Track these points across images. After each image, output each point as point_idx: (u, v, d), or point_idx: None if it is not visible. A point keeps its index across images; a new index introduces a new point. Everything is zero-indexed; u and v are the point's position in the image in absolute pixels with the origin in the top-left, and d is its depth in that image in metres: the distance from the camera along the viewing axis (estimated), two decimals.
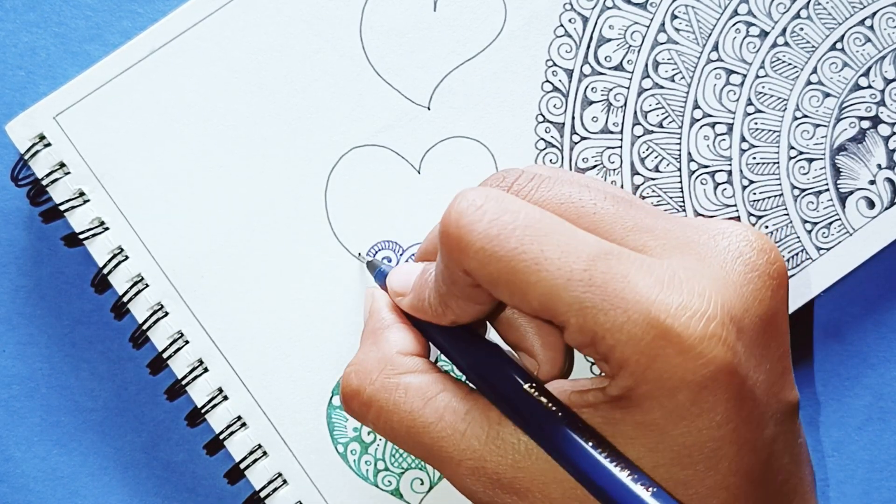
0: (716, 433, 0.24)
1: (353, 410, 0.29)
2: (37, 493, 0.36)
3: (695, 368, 0.24)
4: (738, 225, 0.27)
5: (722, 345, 0.24)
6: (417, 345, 0.30)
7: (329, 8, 0.35)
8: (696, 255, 0.26)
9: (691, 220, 0.28)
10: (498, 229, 0.25)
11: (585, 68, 0.35)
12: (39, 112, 0.34)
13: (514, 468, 0.26)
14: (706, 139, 0.35)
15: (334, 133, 0.35)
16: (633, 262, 0.25)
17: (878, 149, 0.36)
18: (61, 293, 0.36)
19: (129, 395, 0.36)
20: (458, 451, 0.27)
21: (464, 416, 0.27)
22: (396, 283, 0.31)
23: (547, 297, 0.24)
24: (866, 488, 0.38)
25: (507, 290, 0.25)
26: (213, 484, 0.36)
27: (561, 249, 0.24)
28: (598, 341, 0.24)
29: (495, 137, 0.35)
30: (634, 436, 0.25)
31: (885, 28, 0.36)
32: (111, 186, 0.35)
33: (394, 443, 0.28)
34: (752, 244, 0.26)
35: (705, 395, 0.24)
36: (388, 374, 0.28)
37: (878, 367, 0.38)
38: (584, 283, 0.24)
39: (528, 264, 0.24)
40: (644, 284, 0.24)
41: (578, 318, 0.24)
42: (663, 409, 0.24)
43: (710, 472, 0.25)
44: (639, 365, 0.24)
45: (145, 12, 0.37)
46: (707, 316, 0.24)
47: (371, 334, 0.30)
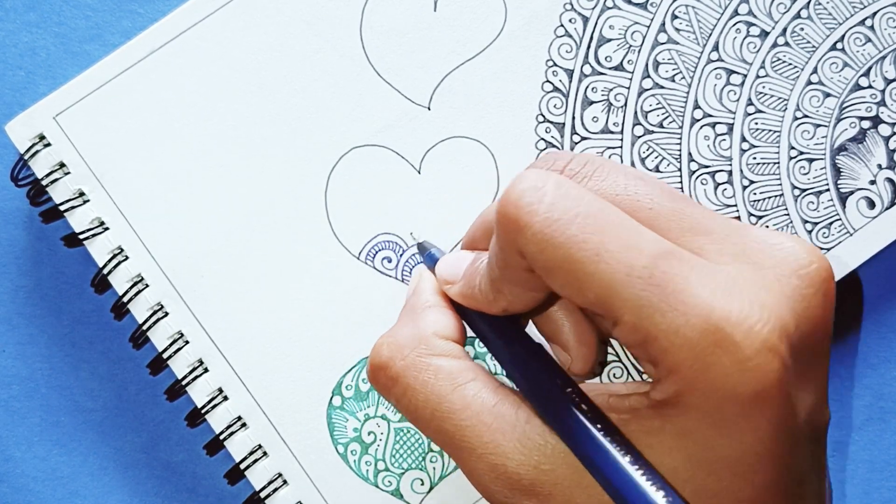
0: (758, 448, 0.24)
1: (378, 382, 0.28)
2: (37, 493, 0.36)
3: (747, 381, 0.23)
4: (796, 238, 0.26)
5: (777, 359, 0.23)
6: (456, 331, 0.29)
7: (329, 8, 0.35)
8: (753, 264, 0.25)
9: (748, 228, 0.27)
10: (559, 214, 0.24)
11: (586, 68, 0.35)
12: (39, 112, 0.34)
13: (538, 470, 0.25)
14: (706, 139, 0.35)
15: (334, 133, 0.35)
16: (695, 266, 0.24)
17: (879, 149, 0.36)
18: (61, 293, 0.36)
19: (129, 395, 0.36)
20: (480, 443, 0.26)
21: (492, 408, 0.26)
22: (446, 271, 0.30)
23: (604, 290, 0.24)
24: (866, 488, 0.38)
25: (563, 279, 0.24)
26: (213, 484, 0.36)
27: (623, 243, 0.24)
28: (651, 342, 0.24)
29: (495, 137, 0.35)
30: (674, 445, 0.24)
31: (885, 28, 0.36)
32: (111, 186, 0.35)
33: (414, 424, 0.28)
34: (811, 260, 0.26)
35: (754, 410, 0.23)
36: (421, 352, 0.28)
37: (878, 367, 0.38)
38: (644, 280, 0.23)
39: (587, 254, 0.24)
40: (705, 289, 0.23)
41: (634, 315, 0.23)
42: (710, 419, 0.23)
43: (745, 486, 0.24)
44: (691, 371, 0.23)
45: (145, 12, 0.37)
46: (768, 328, 0.23)
47: (410, 311, 0.30)
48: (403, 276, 0.35)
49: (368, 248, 0.35)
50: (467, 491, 0.35)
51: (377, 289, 0.35)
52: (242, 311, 0.35)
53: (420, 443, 0.35)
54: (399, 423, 0.35)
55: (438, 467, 0.35)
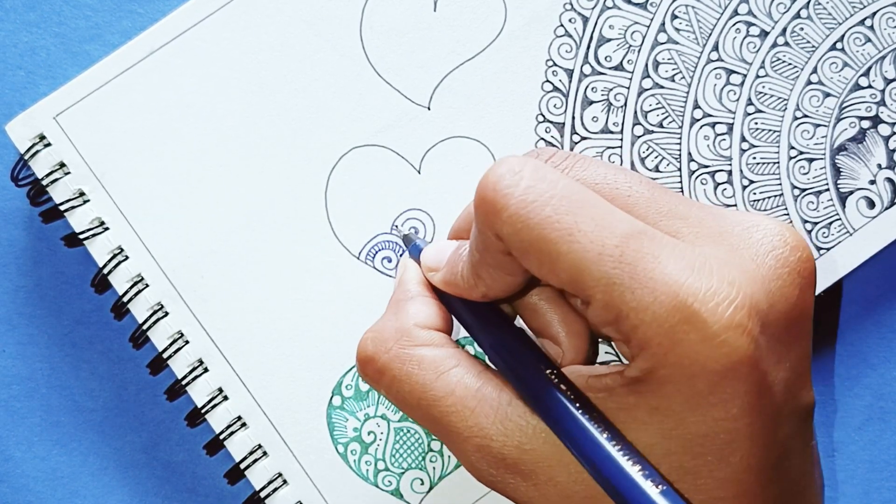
0: (731, 425, 0.24)
1: (366, 375, 0.29)
2: (37, 493, 0.36)
3: (716, 357, 0.23)
4: (773, 220, 0.27)
5: (746, 335, 0.24)
6: (438, 319, 0.30)
7: (329, 8, 0.35)
8: (728, 245, 0.26)
9: (725, 211, 0.28)
10: (534, 196, 0.25)
11: (586, 68, 0.35)
12: (39, 112, 0.34)
13: (520, 449, 0.26)
14: (706, 139, 0.35)
15: (334, 133, 0.35)
16: (666, 245, 0.25)
17: (879, 149, 0.36)
18: (61, 293, 0.36)
19: (129, 395, 0.36)
20: (465, 427, 0.27)
21: (475, 392, 0.27)
22: (430, 259, 0.31)
23: (576, 269, 0.24)
24: (866, 488, 0.38)
25: (537, 259, 0.25)
26: (213, 484, 0.36)
27: (595, 223, 0.24)
28: (621, 319, 0.24)
29: (495, 137, 0.35)
30: (648, 421, 0.25)
31: (885, 28, 0.36)
32: (111, 186, 0.35)
33: (404, 411, 0.29)
34: (786, 240, 0.26)
35: (724, 385, 0.24)
36: (404, 344, 0.29)
37: (878, 367, 0.38)
38: (615, 259, 0.24)
39: (560, 234, 0.24)
40: (674, 267, 0.24)
41: (605, 294, 0.24)
42: (680, 394, 0.24)
43: (721, 464, 0.24)
44: (660, 347, 0.24)
45: (145, 12, 0.37)
46: (735, 305, 0.24)
47: (394, 304, 0.31)
48: None
49: (368, 248, 0.35)
50: (467, 491, 0.35)
51: (377, 289, 0.35)
52: (242, 311, 0.35)
53: (420, 443, 0.35)
54: (399, 422, 0.35)
55: (438, 467, 0.35)
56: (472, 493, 0.35)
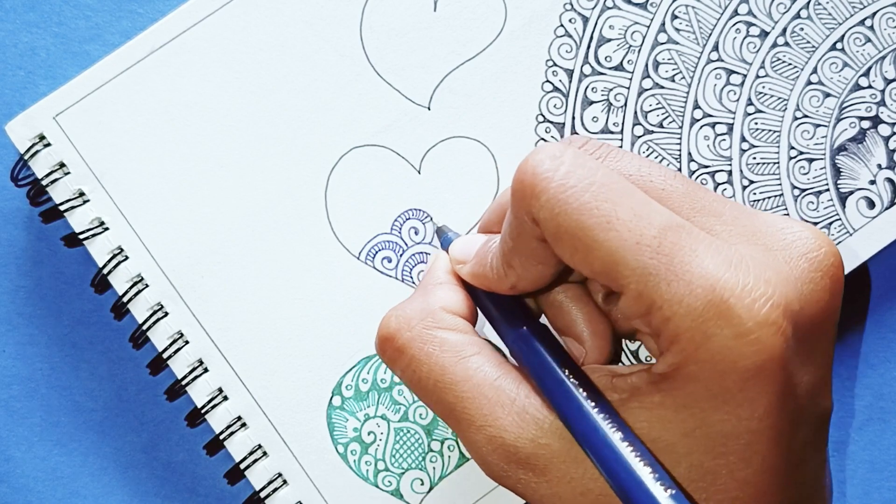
0: (755, 425, 0.24)
1: (385, 354, 0.29)
2: (37, 493, 0.36)
3: (748, 353, 0.23)
4: (806, 225, 0.27)
5: (780, 334, 0.23)
6: (464, 308, 0.30)
7: (329, 8, 0.35)
8: (762, 245, 0.26)
9: (758, 212, 0.27)
10: (574, 181, 0.25)
11: (586, 68, 0.35)
12: (39, 112, 0.34)
13: (535, 444, 0.26)
14: (706, 139, 0.35)
15: (334, 133, 0.35)
16: (703, 240, 0.25)
17: (879, 149, 0.36)
18: (61, 293, 0.36)
19: (129, 395, 0.36)
20: (480, 415, 0.27)
21: (492, 382, 0.27)
22: (458, 252, 0.31)
23: (612, 257, 0.24)
24: (866, 488, 0.38)
25: (572, 246, 0.25)
26: (213, 484, 0.36)
27: (634, 213, 0.24)
28: (654, 311, 0.24)
29: (495, 137, 0.35)
30: (672, 419, 0.24)
31: (885, 28, 0.36)
32: (111, 186, 0.35)
33: (417, 394, 0.28)
34: (820, 245, 0.26)
35: (753, 384, 0.24)
36: (428, 325, 0.28)
37: (878, 367, 0.38)
38: (653, 249, 0.24)
39: (599, 221, 0.24)
40: (711, 262, 0.24)
41: (640, 283, 0.24)
42: (708, 391, 0.24)
43: (741, 465, 0.24)
44: (692, 341, 0.24)
45: (145, 12, 0.37)
46: (771, 303, 0.24)
47: (422, 288, 0.30)
48: (403, 277, 0.35)
49: (368, 248, 0.35)
50: (467, 491, 0.35)
51: (377, 289, 0.35)
52: (242, 311, 0.35)
53: (420, 443, 0.35)
54: (399, 423, 0.35)
55: (438, 467, 0.35)
56: (473, 493, 0.35)
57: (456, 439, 0.35)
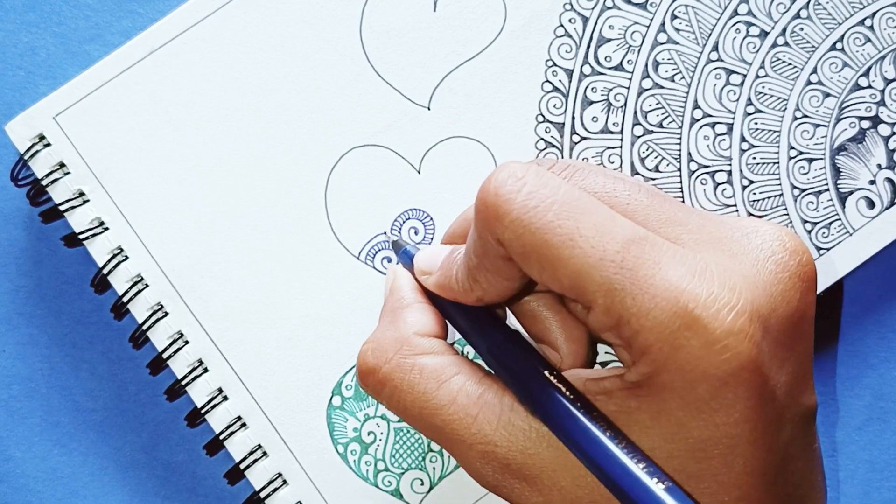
0: (733, 430, 0.24)
1: (367, 387, 0.29)
2: (37, 493, 0.36)
3: (718, 362, 0.23)
4: (772, 225, 0.27)
5: (748, 341, 0.24)
6: (436, 326, 0.30)
7: (329, 8, 0.35)
8: (728, 251, 0.26)
9: (724, 218, 0.28)
10: (537, 201, 0.25)
11: (585, 68, 0.35)
12: (39, 112, 0.34)
13: (524, 454, 0.26)
14: (706, 139, 0.35)
15: (334, 133, 0.35)
16: (667, 251, 0.25)
17: (878, 149, 0.36)
18: (61, 293, 0.36)
19: (129, 395, 0.36)
20: (468, 434, 0.27)
21: (476, 399, 0.27)
22: (423, 262, 0.31)
23: (577, 274, 0.24)
24: (866, 488, 0.38)
25: (538, 264, 0.25)
26: (213, 484, 0.36)
27: (597, 229, 0.24)
28: (622, 325, 0.24)
29: (495, 137, 0.35)
30: (650, 425, 0.25)
31: (885, 28, 0.36)
32: (111, 186, 0.35)
33: (406, 422, 0.28)
34: (785, 245, 0.26)
35: (726, 391, 0.24)
36: (405, 354, 0.28)
37: (878, 367, 0.38)
38: (616, 264, 0.24)
39: (562, 239, 0.24)
40: (675, 273, 0.24)
41: (607, 299, 0.24)
42: (682, 400, 0.24)
43: (723, 469, 0.24)
44: (661, 353, 0.24)
45: (145, 12, 0.37)
46: (736, 310, 0.24)
47: (390, 312, 0.30)
48: None
49: (368, 248, 0.35)
50: (467, 491, 0.35)
51: (377, 289, 0.35)
52: (242, 311, 0.35)
53: (420, 443, 0.35)
54: (399, 423, 0.35)
55: (438, 467, 0.35)
56: (473, 493, 0.35)
57: None
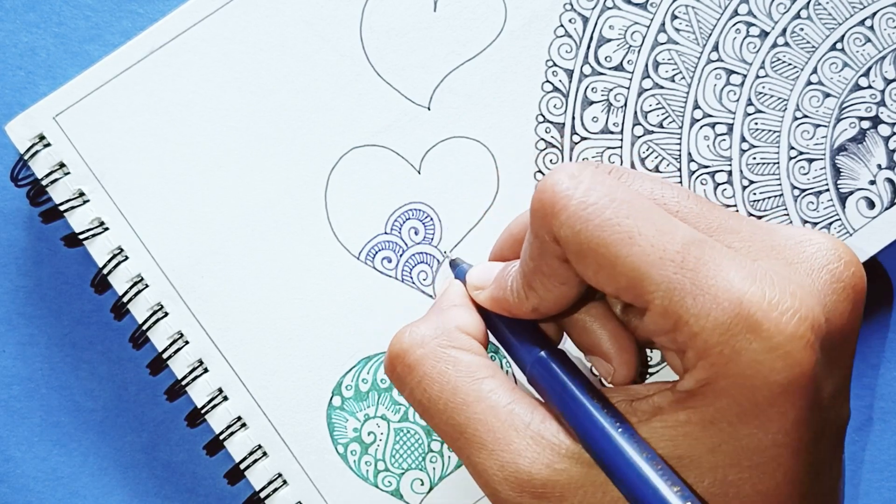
0: (781, 439, 0.24)
1: (394, 371, 0.28)
2: (37, 493, 0.36)
3: (780, 368, 0.23)
4: (825, 235, 0.27)
5: (809, 348, 0.23)
6: (479, 330, 0.29)
7: (329, 8, 0.35)
8: (783, 259, 0.26)
9: (776, 226, 0.27)
10: (595, 198, 0.24)
11: (585, 68, 0.35)
12: (39, 112, 0.34)
13: (551, 469, 0.25)
14: (706, 139, 0.35)
15: (334, 133, 0.35)
16: (727, 254, 0.24)
17: (879, 149, 0.36)
18: (61, 293, 0.36)
19: (129, 395, 0.36)
20: (492, 439, 0.26)
21: (506, 405, 0.26)
22: (476, 278, 0.30)
23: (636, 273, 0.24)
24: (866, 488, 0.38)
25: (595, 263, 0.24)
26: (213, 484, 0.36)
27: (656, 228, 0.24)
28: (680, 327, 0.24)
29: (495, 137, 0.35)
30: (698, 436, 0.24)
31: (885, 28, 0.36)
32: (111, 186, 0.35)
33: (425, 416, 0.27)
34: (840, 256, 0.26)
35: (783, 398, 0.23)
36: (442, 343, 0.28)
37: (878, 367, 0.38)
38: (677, 264, 0.24)
39: (621, 237, 0.24)
40: (737, 275, 0.24)
41: (665, 299, 0.24)
42: (738, 406, 0.23)
43: (764, 478, 0.24)
44: (721, 356, 0.23)
45: (145, 12, 0.37)
46: (798, 316, 0.23)
47: (436, 308, 0.30)
48: (403, 277, 0.35)
49: (368, 248, 0.35)
50: (467, 491, 0.35)
51: (377, 289, 0.35)
52: (242, 312, 0.35)
53: (420, 443, 0.35)
54: (399, 423, 0.35)
55: (438, 467, 0.35)
56: (473, 493, 0.35)
57: None
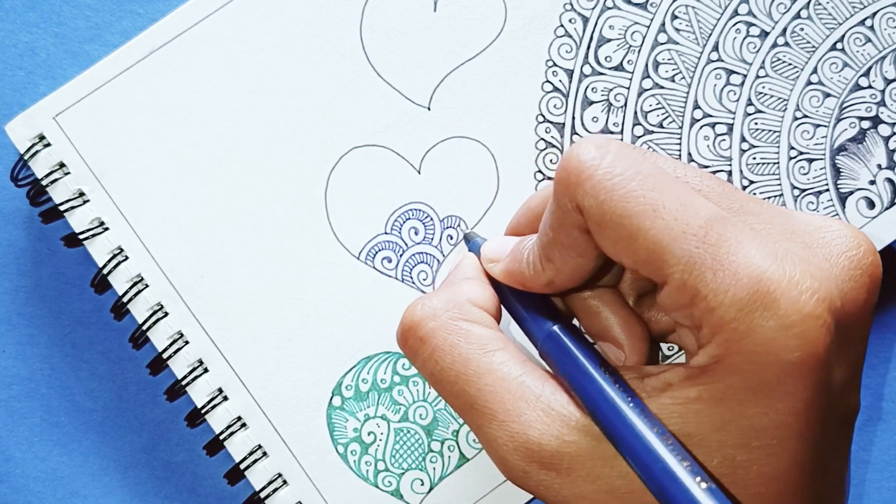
0: (789, 420, 0.24)
1: (406, 343, 0.29)
2: (37, 493, 0.36)
3: (793, 347, 0.23)
4: (843, 223, 0.27)
5: (824, 328, 0.23)
6: (491, 304, 0.29)
7: (329, 8, 0.35)
8: (802, 242, 0.26)
9: (795, 212, 0.27)
10: (621, 168, 0.25)
11: (586, 68, 0.35)
12: (39, 112, 0.34)
13: (560, 441, 0.25)
14: (706, 139, 0.35)
15: (334, 133, 0.35)
16: (748, 233, 0.24)
17: (879, 149, 0.36)
18: (61, 293, 0.36)
19: (129, 395, 0.36)
20: (503, 410, 0.26)
21: (517, 377, 0.27)
22: (491, 251, 0.30)
23: (657, 246, 0.24)
24: (866, 488, 0.38)
25: (616, 234, 0.24)
26: (213, 484, 0.36)
27: (681, 202, 0.24)
28: (698, 301, 0.24)
29: (495, 137, 0.35)
30: (707, 413, 0.24)
31: (885, 28, 0.36)
32: (111, 186, 0.35)
33: (437, 387, 0.28)
34: (860, 244, 0.26)
35: (793, 378, 0.23)
36: (454, 315, 0.28)
37: (878, 367, 0.38)
38: (699, 238, 0.24)
39: (645, 209, 0.24)
40: (758, 253, 0.24)
41: (685, 273, 0.24)
42: (747, 383, 0.24)
43: (770, 460, 0.24)
44: (735, 332, 0.23)
45: (145, 12, 0.37)
46: (817, 296, 0.23)
47: (448, 282, 0.30)
48: (403, 277, 0.35)
49: (368, 248, 0.35)
50: (467, 491, 0.35)
51: (377, 289, 0.35)
52: (242, 311, 0.35)
53: (420, 443, 0.35)
54: (399, 423, 0.35)
55: (438, 467, 0.35)
56: (473, 493, 0.35)
57: (456, 440, 0.35)
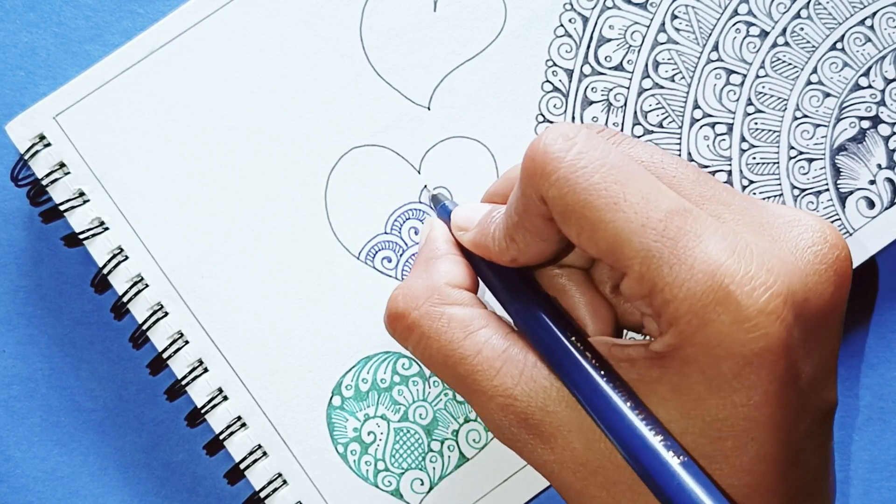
0: (751, 412, 0.24)
1: (395, 332, 0.30)
2: (37, 493, 0.36)
3: (745, 340, 0.23)
4: (815, 217, 0.27)
5: (779, 323, 0.23)
6: (467, 279, 0.30)
7: (329, 8, 0.35)
8: (769, 235, 0.26)
9: (768, 204, 0.28)
10: (585, 162, 0.25)
11: (585, 68, 0.35)
12: (39, 112, 0.34)
13: (543, 411, 0.26)
14: (706, 139, 0.35)
15: (334, 133, 0.35)
16: (709, 226, 0.25)
17: (878, 149, 0.36)
18: (61, 293, 0.36)
19: (129, 395, 0.36)
20: (490, 386, 0.27)
21: (500, 353, 0.27)
22: (461, 219, 0.31)
23: (617, 238, 0.24)
24: (866, 488, 0.38)
25: (578, 225, 0.25)
26: (213, 484, 0.36)
27: (642, 195, 0.25)
28: (655, 293, 0.24)
29: (495, 137, 0.35)
30: (669, 398, 0.25)
31: (885, 28, 0.36)
32: (111, 186, 0.35)
33: (430, 370, 0.29)
34: (826, 238, 0.26)
35: (749, 371, 0.24)
36: (434, 302, 0.29)
37: (878, 367, 0.38)
38: (658, 232, 0.24)
39: (606, 202, 0.24)
40: (715, 248, 0.24)
41: (643, 266, 0.24)
42: (703, 375, 0.24)
43: (737, 452, 0.24)
44: (689, 325, 0.24)
45: (145, 12, 0.37)
46: (771, 292, 0.24)
47: (423, 262, 0.31)
48: (403, 276, 0.35)
49: (368, 248, 0.35)
50: (467, 491, 0.35)
51: (377, 289, 0.35)
52: (242, 311, 0.35)
53: (420, 443, 0.35)
54: (399, 423, 0.35)
55: (438, 467, 0.35)
56: (473, 493, 0.35)
57: (456, 439, 0.35)
